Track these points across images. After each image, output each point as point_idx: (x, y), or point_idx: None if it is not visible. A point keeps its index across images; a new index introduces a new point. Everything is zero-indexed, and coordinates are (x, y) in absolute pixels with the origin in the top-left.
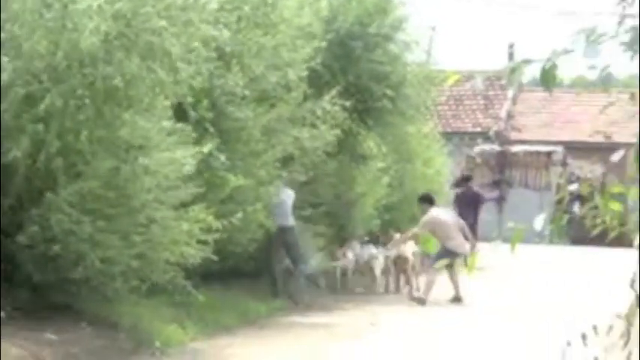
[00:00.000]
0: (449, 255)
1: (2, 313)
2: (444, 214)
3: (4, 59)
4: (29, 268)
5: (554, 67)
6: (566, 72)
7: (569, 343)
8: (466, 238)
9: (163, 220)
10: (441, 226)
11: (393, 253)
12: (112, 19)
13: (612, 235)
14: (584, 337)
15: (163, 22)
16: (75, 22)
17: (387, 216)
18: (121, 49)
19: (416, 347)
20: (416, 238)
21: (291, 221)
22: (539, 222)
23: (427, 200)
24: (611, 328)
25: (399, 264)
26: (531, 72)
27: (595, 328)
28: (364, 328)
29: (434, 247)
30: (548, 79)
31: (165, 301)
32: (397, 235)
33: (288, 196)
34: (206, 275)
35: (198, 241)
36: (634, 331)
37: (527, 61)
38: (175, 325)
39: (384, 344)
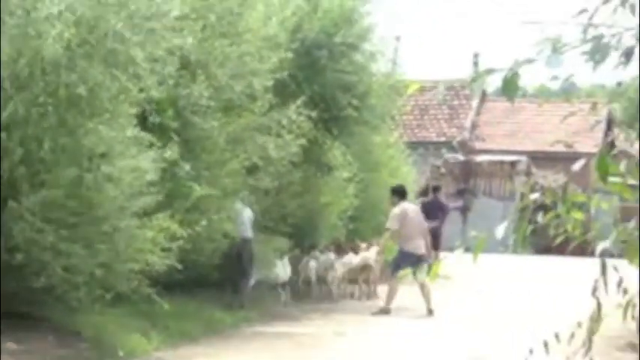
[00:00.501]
0: (408, 258)
1: None
2: (412, 210)
3: None
4: None
5: (516, 76)
6: (529, 82)
7: (531, 351)
8: (426, 242)
9: (127, 229)
10: (408, 222)
11: (356, 261)
12: (74, 26)
13: (574, 244)
14: (546, 345)
15: (127, 30)
16: (37, 29)
17: (352, 226)
18: (84, 57)
19: (380, 356)
20: (393, 238)
21: (249, 233)
22: (501, 230)
23: (399, 193)
24: (572, 336)
25: (363, 272)
26: (496, 82)
27: (557, 336)
28: (329, 338)
29: (393, 252)
30: (510, 89)
31: (130, 311)
32: (363, 245)
33: (245, 210)
34: (170, 285)
35: (163, 249)
36: (595, 339)
37: (489, 71)
38: (139, 335)
39: (348, 353)
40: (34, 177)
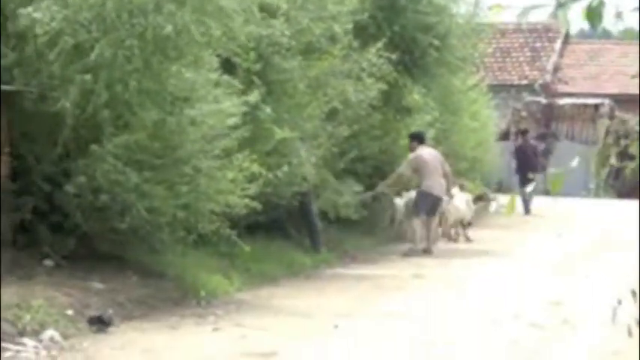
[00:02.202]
0: (425, 197)
1: (50, 262)
2: (429, 153)
3: (54, 8)
4: (77, 217)
5: (600, 4)
6: (614, 25)
7: (619, 302)
8: (447, 183)
9: (208, 170)
10: (423, 165)
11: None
12: None
13: None
14: (634, 294)
15: None
16: None
17: None
18: (171, 1)
19: (458, 299)
20: (400, 179)
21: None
22: (575, 163)
23: (417, 138)
24: None
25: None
26: (579, 23)
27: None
28: (408, 280)
29: None
30: (594, 17)
31: (211, 252)
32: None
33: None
34: (251, 227)
35: (243, 190)
36: None
37: None
38: (221, 276)
39: (428, 296)
40: (118, 120)
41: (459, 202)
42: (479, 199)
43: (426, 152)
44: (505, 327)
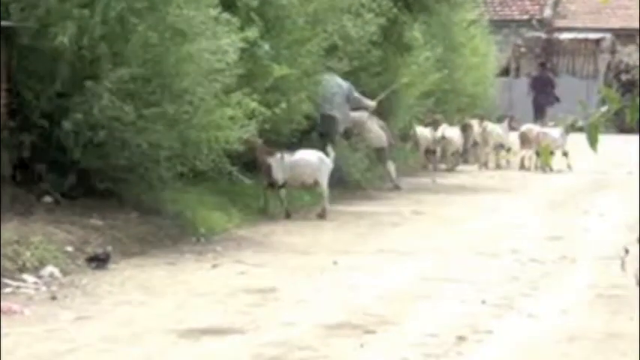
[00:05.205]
0: None
1: (50, 199)
2: None
3: None
4: (76, 154)
5: None
6: None
7: (627, 251)
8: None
9: (207, 105)
10: None
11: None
12: None
13: None
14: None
15: None
16: None
17: (433, 108)
18: None
19: (456, 235)
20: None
21: (333, 111)
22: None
23: None
24: None
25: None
26: None
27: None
28: (407, 217)
29: None
30: None
31: (211, 189)
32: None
33: (333, 83)
34: (250, 164)
35: (242, 127)
36: None
37: None
38: (220, 212)
39: (426, 232)
40: (116, 55)
41: (453, 134)
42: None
43: None
44: (504, 262)
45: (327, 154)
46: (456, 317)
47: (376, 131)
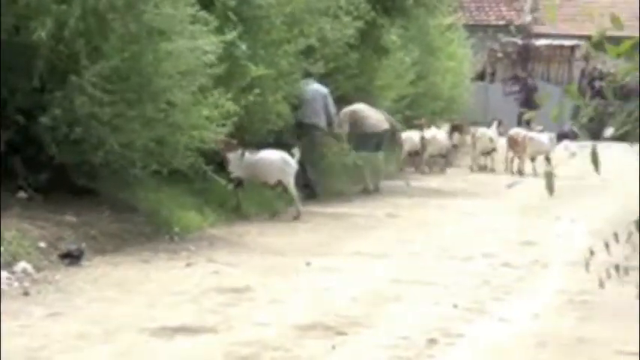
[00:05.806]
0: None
1: (24, 195)
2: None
3: None
4: (52, 149)
5: None
6: None
7: (592, 252)
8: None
9: (183, 105)
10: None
11: (416, 138)
12: None
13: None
14: (607, 245)
15: None
16: None
17: (408, 111)
18: None
19: (429, 239)
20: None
21: (312, 119)
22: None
23: None
24: (630, 235)
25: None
26: None
27: (616, 235)
28: (382, 219)
29: None
30: None
31: (186, 188)
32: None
33: (318, 93)
34: (223, 163)
35: (218, 126)
36: None
37: None
38: (194, 212)
39: (400, 235)
40: (94, 51)
41: (439, 136)
42: (455, 129)
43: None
44: (477, 266)
45: (292, 155)
46: (427, 320)
47: (375, 116)
